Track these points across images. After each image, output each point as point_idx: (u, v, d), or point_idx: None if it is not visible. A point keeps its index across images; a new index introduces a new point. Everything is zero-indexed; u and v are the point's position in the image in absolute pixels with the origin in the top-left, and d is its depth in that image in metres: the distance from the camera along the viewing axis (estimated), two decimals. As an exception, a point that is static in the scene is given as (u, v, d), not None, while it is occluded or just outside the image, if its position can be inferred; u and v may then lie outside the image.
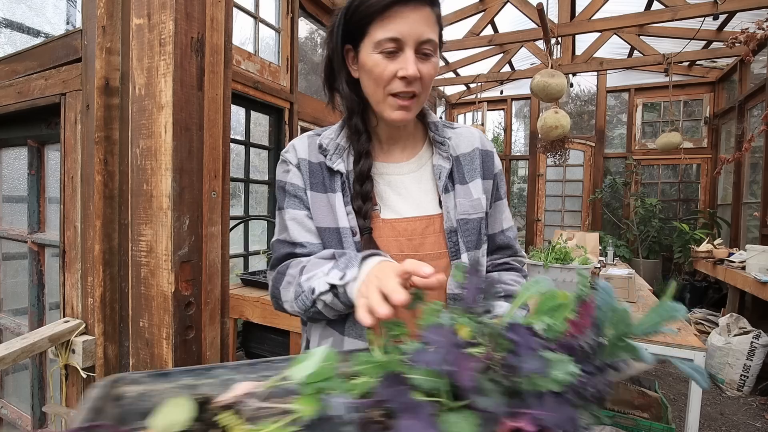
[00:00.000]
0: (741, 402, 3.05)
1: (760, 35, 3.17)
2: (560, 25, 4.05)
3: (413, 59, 0.70)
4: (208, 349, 0.69)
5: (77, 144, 0.75)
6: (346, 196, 0.77)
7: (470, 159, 0.88)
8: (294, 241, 0.77)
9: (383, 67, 0.71)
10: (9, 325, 1.09)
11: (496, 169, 0.91)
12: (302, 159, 0.80)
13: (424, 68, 0.72)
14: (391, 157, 0.85)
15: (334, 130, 0.82)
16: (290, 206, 0.78)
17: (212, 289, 0.69)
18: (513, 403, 0.34)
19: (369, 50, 0.72)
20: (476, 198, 0.86)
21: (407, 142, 0.86)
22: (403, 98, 0.73)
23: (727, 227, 5.09)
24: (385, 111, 0.75)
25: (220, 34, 0.69)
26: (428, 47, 0.72)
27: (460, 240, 0.82)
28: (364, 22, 0.71)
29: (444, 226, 0.82)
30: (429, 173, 0.85)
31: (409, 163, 0.85)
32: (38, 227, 1.01)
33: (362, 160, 0.79)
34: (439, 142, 0.86)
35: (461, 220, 0.83)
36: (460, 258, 0.82)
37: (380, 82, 0.72)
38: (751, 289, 3.22)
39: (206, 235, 0.68)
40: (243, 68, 2.91)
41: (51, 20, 2.11)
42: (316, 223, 0.77)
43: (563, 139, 4.06)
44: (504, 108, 7.06)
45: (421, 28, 0.70)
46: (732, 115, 5.02)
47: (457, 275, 0.62)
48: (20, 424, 1.05)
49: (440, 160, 0.85)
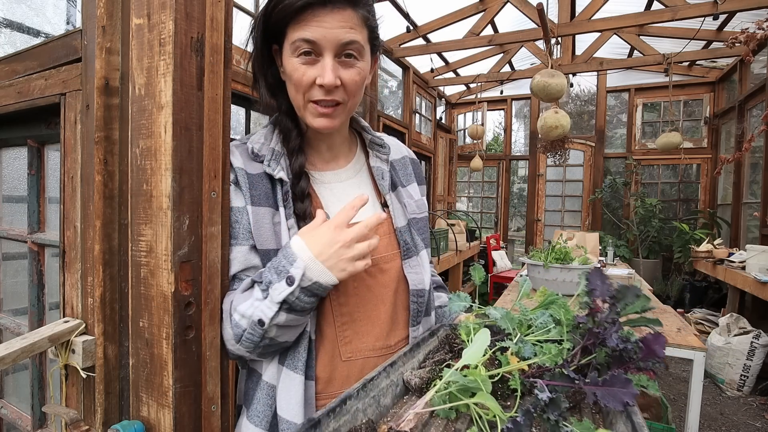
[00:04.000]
0: (741, 402, 3.05)
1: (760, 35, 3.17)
2: (560, 25, 4.05)
3: (331, 66, 0.66)
4: (207, 349, 0.69)
5: (77, 144, 0.75)
6: (288, 209, 0.72)
7: (402, 165, 0.90)
8: (238, 276, 0.71)
9: (302, 73, 0.67)
10: (9, 325, 1.09)
11: (422, 177, 0.94)
12: (239, 168, 0.72)
13: (347, 74, 0.68)
14: (327, 165, 0.81)
15: (264, 135, 0.76)
16: (235, 242, 0.71)
17: (212, 289, 0.69)
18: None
19: (288, 53, 0.68)
20: (419, 199, 0.88)
21: (341, 148, 0.83)
22: (325, 106, 0.69)
23: (727, 227, 5.09)
24: (306, 117, 0.72)
25: (220, 34, 0.69)
26: (351, 49, 0.67)
27: (416, 236, 0.83)
28: (281, 24, 0.67)
29: (394, 226, 0.80)
30: (367, 177, 0.84)
31: (346, 169, 0.82)
32: (38, 227, 1.01)
33: (295, 158, 0.74)
34: (378, 145, 0.84)
35: (412, 220, 0.84)
36: (416, 255, 0.81)
37: (299, 89, 0.69)
38: (751, 289, 3.22)
39: (206, 235, 0.68)
40: (243, 68, 2.90)
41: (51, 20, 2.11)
42: (260, 245, 0.70)
43: (563, 139, 4.06)
44: (504, 108, 7.06)
45: (340, 32, 0.65)
46: (732, 115, 5.02)
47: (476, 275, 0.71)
48: (20, 424, 1.05)
49: (378, 161, 0.83)
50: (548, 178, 6.68)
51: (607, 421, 0.47)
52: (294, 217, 0.72)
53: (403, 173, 0.89)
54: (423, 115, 5.84)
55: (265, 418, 0.70)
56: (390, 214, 0.81)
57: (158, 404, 0.66)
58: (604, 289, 0.52)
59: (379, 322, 0.75)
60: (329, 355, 0.72)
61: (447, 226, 4.65)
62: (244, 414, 0.74)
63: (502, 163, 7.06)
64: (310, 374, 0.69)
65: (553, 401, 0.46)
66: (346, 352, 0.73)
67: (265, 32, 0.71)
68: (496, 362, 0.56)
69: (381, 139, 0.85)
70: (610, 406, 0.43)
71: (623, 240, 5.80)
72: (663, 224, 5.61)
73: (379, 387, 0.53)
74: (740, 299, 3.79)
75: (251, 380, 0.75)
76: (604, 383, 0.44)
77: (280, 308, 0.61)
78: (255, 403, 0.71)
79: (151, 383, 0.66)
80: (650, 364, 0.47)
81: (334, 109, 0.70)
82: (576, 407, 0.49)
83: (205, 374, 0.69)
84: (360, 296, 0.74)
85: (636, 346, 0.47)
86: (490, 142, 7.62)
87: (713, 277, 4.32)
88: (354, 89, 0.71)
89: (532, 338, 0.60)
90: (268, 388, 0.70)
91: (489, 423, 0.46)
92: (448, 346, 0.69)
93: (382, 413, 0.52)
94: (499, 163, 7.11)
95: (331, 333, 0.72)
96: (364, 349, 0.74)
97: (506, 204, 7.05)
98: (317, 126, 0.72)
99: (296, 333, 0.67)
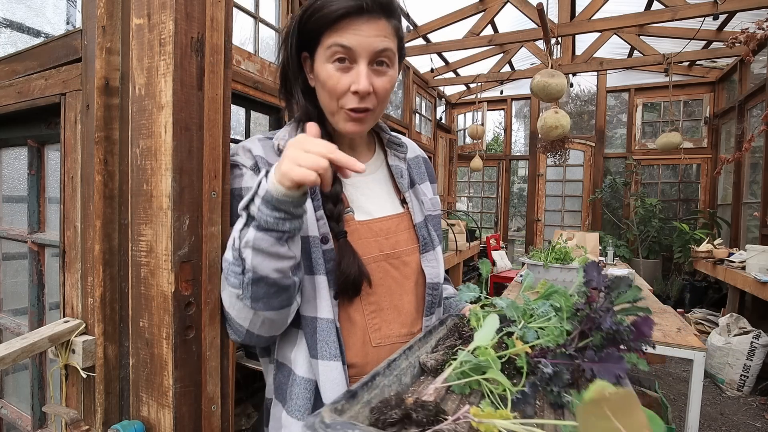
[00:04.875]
0: (741, 402, 3.05)
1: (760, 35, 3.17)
2: (560, 25, 4.05)
3: (366, 73, 0.68)
4: (208, 349, 0.69)
5: (77, 144, 0.75)
6: (316, 200, 0.74)
7: (416, 164, 0.93)
8: None
9: (336, 80, 0.69)
10: (9, 325, 1.09)
11: (433, 175, 0.97)
12: (260, 157, 0.73)
13: (379, 82, 0.70)
14: None
15: (289, 132, 0.78)
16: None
17: (212, 289, 0.69)
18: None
19: (322, 60, 0.69)
20: (432, 197, 0.92)
21: (361, 147, 0.86)
22: (357, 112, 0.71)
23: (727, 227, 5.09)
24: (338, 123, 0.74)
25: (220, 34, 0.69)
26: (384, 57, 0.69)
27: (432, 232, 0.87)
28: (317, 32, 0.69)
29: (414, 222, 0.85)
30: (386, 175, 0.87)
31: (367, 164, 0.85)
32: (38, 227, 1.01)
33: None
34: (396, 144, 0.88)
35: (428, 216, 0.87)
36: (433, 250, 0.85)
37: (333, 95, 0.70)
38: (751, 289, 3.22)
39: (206, 235, 0.68)
40: (243, 68, 2.90)
41: (51, 20, 2.11)
42: None
43: (563, 139, 4.06)
44: (504, 108, 7.06)
45: (375, 40, 0.67)
46: (732, 115, 5.02)
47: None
48: (20, 424, 1.05)
49: (396, 160, 0.87)
50: (548, 178, 6.68)
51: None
52: (322, 211, 0.73)
53: (417, 172, 0.91)
54: (423, 115, 5.84)
55: (306, 411, 0.72)
56: (409, 211, 0.85)
57: (158, 404, 0.66)
58: (600, 280, 0.59)
59: (404, 311, 0.80)
60: (360, 342, 0.75)
61: (447, 226, 4.65)
62: (281, 409, 0.75)
63: (502, 163, 7.06)
64: (344, 360, 0.71)
65: (557, 374, 0.53)
66: (376, 338, 0.76)
67: (299, 39, 0.73)
68: (503, 345, 0.62)
69: (399, 139, 0.89)
70: (605, 380, 0.48)
71: (623, 240, 5.80)
72: (663, 224, 5.61)
73: (400, 367, 0.58)
74: (740, 299, 3.79)
75: (282, 375, 0.76)
76: (599, 359, 0.52)
77: (247, 221, 0.59)
78: (294, 399, 0.73)
79: (151, 383, 0.66)
80: (640, 344, 0.54)
81: (365, 114, 0.72)
82: (574, 384, 0.55)
83: (206, 374, 0.69)
84: (386, 287, 0.78)
85: (627, 329, 0.54)
86: (490, 142, 7.62)
87: (713, 277, 4.32)
88: (384, 96, 0.73)
89: (535, 325, 0.65)
90: (305, 383, 0.72)
91: (500, 396, 0.53)
92: (457, 333, 0.74)
93: (404, 390, 0.58)
94: (499, 163, 7.10)
95: (361, 321, 0.76)
96: (392, 335, 0.78)
97: (506, 204, 7.05)
98: (348, 131, 0.74)
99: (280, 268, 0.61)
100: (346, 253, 0.72)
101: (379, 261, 0.78)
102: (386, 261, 0.79)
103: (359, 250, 0.75)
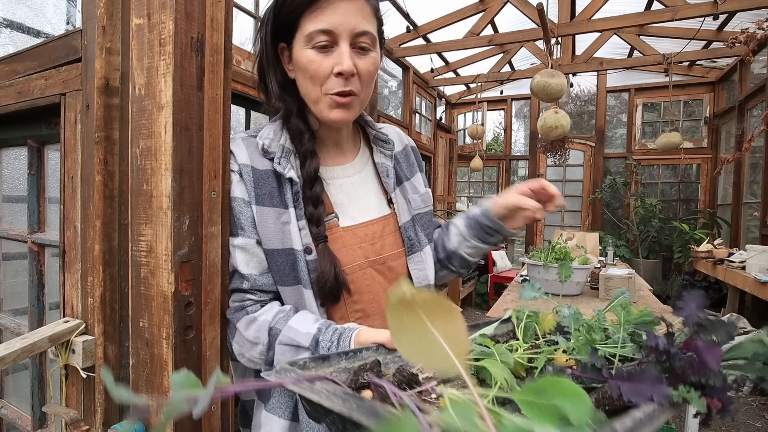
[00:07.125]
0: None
1: (760, 35, 3.17)
2: (560, 25, 4.05)
3: (349, 53, 0.66)
4: (207, 349, 0.69)
5: (77, 144, 0.75)
6: (299, 209, 0.71)
7: (405, 155, 0.90)
8: (240, 272, 0.70)
9: (318, 64, 0.66)
10: (9, 325, 1.09)
11: (422, 163, 0.94)
12: (244, 165, 0.71)
13: (362, 63, 0.68)
14: (335, 160, 0.81)
15: (273, 131, 0.75)
16: (242, 233, 0.71)
17: (212, 289, 0.69)
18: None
19: (301, 45, 0.67)
20: (424, 192, 0.88)
21: (347, 143, 0.83)
22: (342, 96, 0.68)
23: (727, 227, 5.09)
24: (323, 111, 0.71)
25: (220, 34, 0.69)
26: (365, 40, 0.68)
27: (420, 233, 0.84)
28: (293, 15, 0.67)
29: (399, 224, 0.82)
30: (372, 173, 0.84)
31: (353, 164, 0.82)
32: (38, 227, 1.01)
33: (308, 161, 0.73)
34: (382, 140, 0.84)
35: (417, 216, 0.84)
36: (420, 251, 0.82)
37: (316, 80, 0.68)
38: (751, 289, 3.22)
39: (206, 235, 0.68)
40: (243, 68, 2.90)
41: (51, 20, 2.11)
42: (265, 245, 0.70)
43: (563, 139, 4.06)
44: (504, 108, 7.06)
45: (355, 20, 0.65)
46: (732, 115, 5.02)
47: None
48: (20, 424, 1.05)
49: (383, 158, 0.83)
50: (548, 178, 6.68)
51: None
52: (305, 219, 0.72)
53: (407, 164, 0.88)
54: (423, 115, 5.84)
55: (287, 408, 0.71)
56: (395, 212, 0.82)
57: (158, 404, 0.66)
58: (693, 315, 0.46)
59: None
60: None
61: (447, 226, 4.64)
62: (261, 407, 0.74)
63: (502, 163, 7.06)
64: None
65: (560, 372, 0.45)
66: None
67: (275, 28, 0.70)
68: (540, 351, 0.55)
69: (385, 135, 0.85)
70: (635, 401, 0.37)
71: (623, 240, 5.80)
72: (663, 224, 5.61)
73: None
74: (740, 299, 3.79)
75: (259, 375, 0.76)
76: (629, 377, 0.39)
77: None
78: (274, 396, 0.72)
79: (151, 383, 0.66)
80: (701, 378, 0.40)
81: (350, 99, 0.70)
82: (598, 403, 0.44)
83: (205, 374, 0.69)
84: (373, 293, 0.76)
85: (690, 359, 0.42)
86: (490, 142, 7.62)
87: (713, 277, 4.31)
88: (368, 79, 0.71)
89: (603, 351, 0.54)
90: None
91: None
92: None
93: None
94: (499, 163, 7.10)
95: None
96: None
97: (506, 204, 7.04)
98: (333, 118, 0.71)
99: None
100: (324, 261, 0.70)
101: (364, 268, 0.76)
102: (372, 267, 0.77)
103: (344, 257, 0.73)
